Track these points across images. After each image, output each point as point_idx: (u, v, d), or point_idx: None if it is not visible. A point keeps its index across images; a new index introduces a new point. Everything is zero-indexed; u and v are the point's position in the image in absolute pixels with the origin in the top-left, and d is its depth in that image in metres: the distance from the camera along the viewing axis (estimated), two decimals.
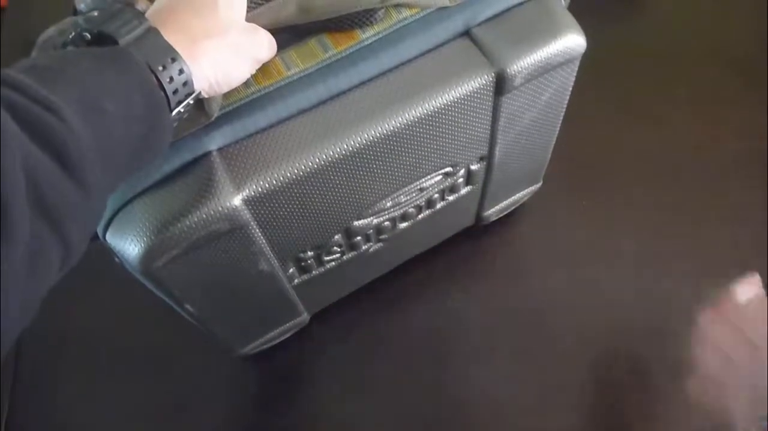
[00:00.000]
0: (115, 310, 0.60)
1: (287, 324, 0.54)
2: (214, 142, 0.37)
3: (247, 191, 0.37)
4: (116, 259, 0.39)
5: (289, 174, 0.38)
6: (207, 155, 0.37)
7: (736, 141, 0.63)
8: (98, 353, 0.58)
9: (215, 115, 0.37)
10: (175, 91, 0.32)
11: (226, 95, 0.38)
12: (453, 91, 0.40)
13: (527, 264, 0.60)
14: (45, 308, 0.64)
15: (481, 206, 0.56)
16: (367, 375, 0.56)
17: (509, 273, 0.60)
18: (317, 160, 0.38)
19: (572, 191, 0.62)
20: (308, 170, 0.38)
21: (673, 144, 0.64)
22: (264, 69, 0.39)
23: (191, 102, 0.33)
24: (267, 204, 0.39)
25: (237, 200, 0.37)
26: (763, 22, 0.69)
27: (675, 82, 0.68)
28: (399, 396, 0.54)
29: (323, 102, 0.39)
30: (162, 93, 0.31)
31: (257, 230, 0.40)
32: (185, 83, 0.32)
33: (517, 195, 0.59)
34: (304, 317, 0.55)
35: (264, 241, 0.41)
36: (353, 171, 0.40)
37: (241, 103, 0.39)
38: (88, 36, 0.32)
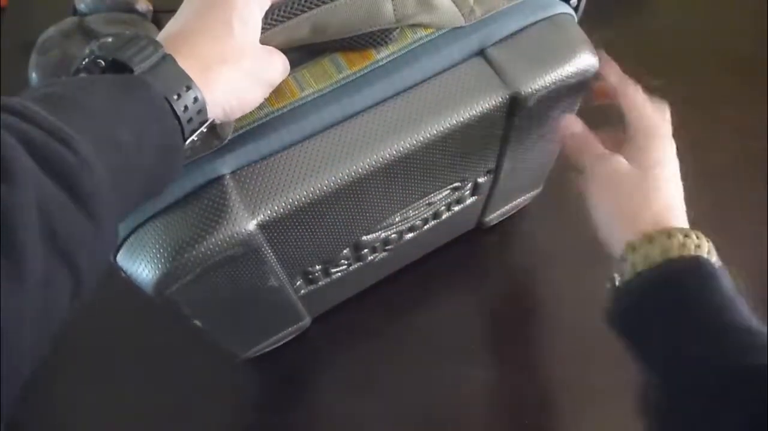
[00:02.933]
0: (115, 310, 0.60)
1: (290, 329, 0.55)
2: (227, 165, 0.37)
3: (262, 215, 0.37)
4: (123, 274, 0.39)
5: (303, 197, 0.37)
6: (220, 178, 0.37)
7: (735, 141, 0.63)
8: (98, 353, 0.58)
9: (228, 138, 0.37)
10: (190, 120, 0.31)
11: (240, 118, 0.37)
12: (467, 113, 0.40)
13: (527, 264, 0.60)
14: None
15: (483, 213, 0.57)
16: (367, 375, 0.56)
17: (509, 273, 0.60)
18: (331, 182, 0.38)
19: (571, 191, 0.62)
20: (322, 192, 0.38)
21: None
22: (277, 90, 0.38)
23: (204, 130, 0.33)
24: (280, 227, 0.38)
25: (252, 226, 0.36)
26: (763, 22, 0.69)
27: (675, 82, 0.68)
28: (399, 396, 0.54)
29: (337, 123, 0.39)
30: (176, 122, 0.31)
31: (269, 251, 0.40)
32: (199, 111, 0.32)
33: (518, 200, 0.59)
34: (306, 321, 0.55)
35: (275, 259, 0.41)
36: (366, 191, 0.40)
37: (254, 125, 0.38)
38: (102, 63, 0.31)
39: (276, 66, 0.37)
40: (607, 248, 0.43)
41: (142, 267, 0.36)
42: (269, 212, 0.37)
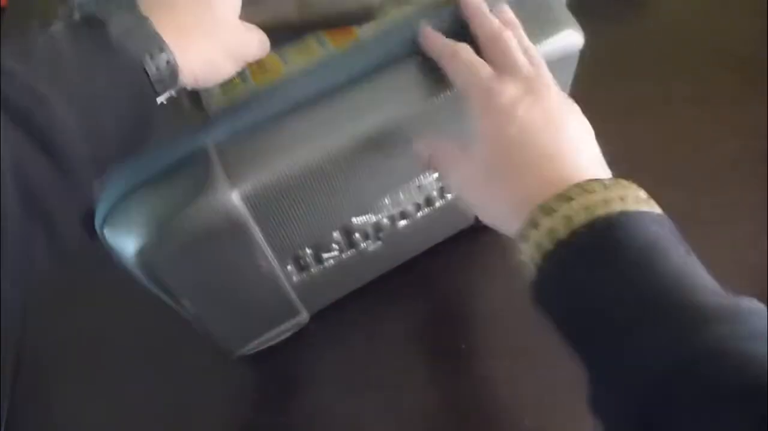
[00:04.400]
0: (115, 310, 0.60)
1: (286, 324, 0.54)
2: (211, 137, 0.38)
3: (244, 186, 0.37)
4: (115, 258, 0.39)
5: (286, 170, 0.38)
6: (204, 150, 0.37)
7: (736, 141, 0.63)
8: (98, 353, 0.58)
9: (213, 111, 0.37)
10: (160, 81, 0.32)
11: (224, 92, 0.38)
12: (450, 87, 0.40)
13: None
14: (45, 308, 0.65)
15: None
16: (366, 374, 0.56)
17: (508, 273, 0.59)
18: (314, 155, 0.38)
19: None
20: (305, 165, 0.38)
21: (672, 143, 0.64)
22: (262, 65, 0.39)
23: (174, 94, 0.34)
24: (264, 200, 0.38)
25: (234, 196, 0.37)
26: (763, 22, 0.69)
27: (675, 82, 0.68)
28: (399, 395, 0.54)
29: (321, 98, 0.39)
30: (148, 81, 0.32)
31: (255, 227, 0.40)
32: (171, 74, 0.32)
33: None
34: (304, 316, 0.55)
35: (261, 238, 0.41)
36: (351, 166, 0.40)
37: (238, 99, 0.39)
38: (78, 18, 0.32)
39: (252, 43, 0.38)
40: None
41: (124, 238, 0.36)
42: (252, 183, 0.37)
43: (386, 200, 0.46)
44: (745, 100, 0.65)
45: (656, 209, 0.34)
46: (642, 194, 0.34)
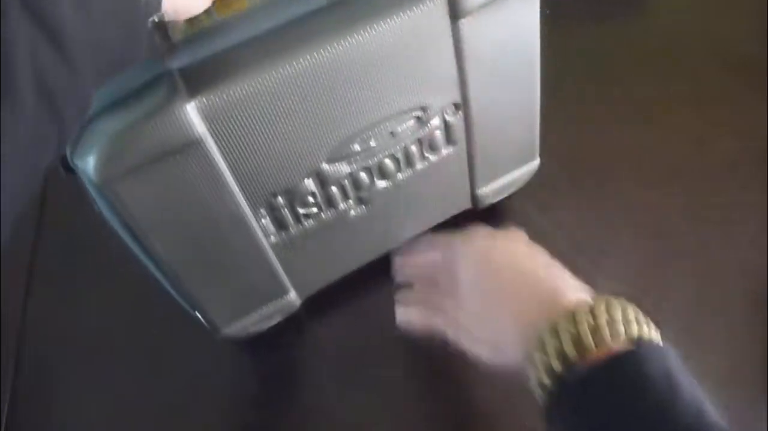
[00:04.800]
0: (115, 310, 0.60)
1: (273, 303, 0.53)
2: (175, 62, 0.39)
3: (202, 99, 0.38)
4: (96, 208, 0.41)
5: (243, 88, 0.39)
6: (167, 72, 0.39)
7: (736, 141, 0.63)
8: (98, 353, 0.58)
9: (178, 40, 0.40)
10: (149, 4, 0.34)
11: (190, 26, 0.41)
12: (404, 12, 0.41)
13: None
14: (45, 308, 0.64)
15: (473, 181, 0.55)
16: (366, 373, 0.56)
17: None
18: (271, 77, 0.40)
19: (571, 191, 0.62)
20: (262, 85, 0.40)
21: (673, 144, 0.64)
22: (227, 2, 0.42)
23: (156, 20, 0.36)
24: (223, 118, 0.40)
25: (190, 108, 0.38)
26: (763, 22, 0.69)
27: (675, 82, 0.68)
28: (399, 395, 0.54)
29: (281, 28, 0.41)
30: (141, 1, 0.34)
31: (216, 151, 0.41)
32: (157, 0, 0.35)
33: (513, 174, 0.58)
34: (293, 297, 0.54)
35: (225, 166, 0.42)
36: (309, 93, 0.41)
37: (203, 30, 0.41)
38: None
39: None
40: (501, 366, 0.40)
41: (87, 161, 0.38)
42: (209, 97, 0.39)
43: (356, 146, 0.46)
44: (745, 100, 0.65)
45: (658, 336, 0.36)
46: (641, 316, 0.36)
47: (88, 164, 0.37)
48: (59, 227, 0.64)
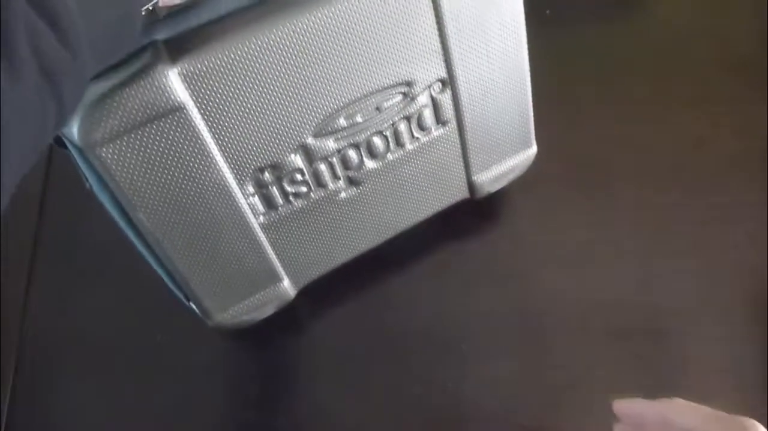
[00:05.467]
0: (114, 310, 0.60)
1: (266, 290, 0.52)
2: (160, 34, 0.40)
3: (184, 65, 0.39)
4: (87, 184, 0.42)
5: (225, 54, 0.40)
6: (152, 43, 0.40)
7: (736, 141, 0.63)
8: (98, 353, 0.58)
9: (163, 14, 0.40)
10: None
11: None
12: None
13: (527, 264, 0.60)
14: (45, 308, 0.64)
15: (468, 167, 0.55)
16: (366, 373, 0.56)
17: (508, 273, 0.59)
18: (251, 43, 0.41)
19: (571, 191, 0.62)
20: (244, 52, 0.41)
21: (673, 143, 0.64)
22: None
23: (150, 7, 0.37)
24: (205, 86, 0.41)
25: (172, 74, 0.39)
26: (763, 22, 0.69)
27: (675, 82, 0.68)
28: (399, 395, 0.54)
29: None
30: None
31: (199, 119, 0.41)
32: None
33: (509, 161, 0.57)
34: (287, 285, 0.53)
35: (209, 135, 0.42)
36: (289, 62, 0.42)
37: (188, 4, 0.41)
38: None
39: None
40: None
41: (72, 123, 0.38)
42: (191, 62, 0.40)
43: (341, 121, 0.46)
44: (745, 100, 0.65)
45: None
46: None
47: (72, 128, 0.38)
48: (59, 226, 0.63)
